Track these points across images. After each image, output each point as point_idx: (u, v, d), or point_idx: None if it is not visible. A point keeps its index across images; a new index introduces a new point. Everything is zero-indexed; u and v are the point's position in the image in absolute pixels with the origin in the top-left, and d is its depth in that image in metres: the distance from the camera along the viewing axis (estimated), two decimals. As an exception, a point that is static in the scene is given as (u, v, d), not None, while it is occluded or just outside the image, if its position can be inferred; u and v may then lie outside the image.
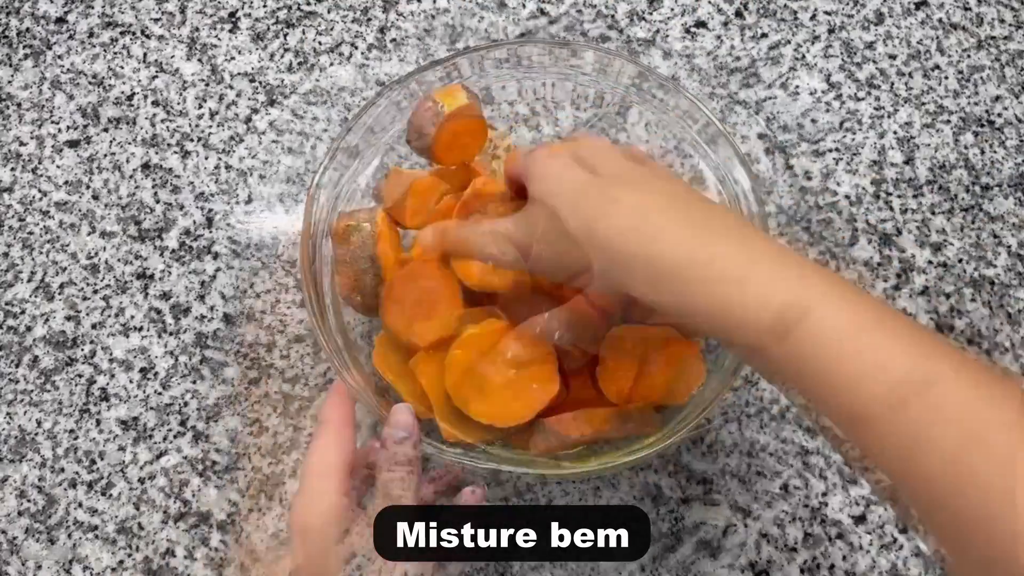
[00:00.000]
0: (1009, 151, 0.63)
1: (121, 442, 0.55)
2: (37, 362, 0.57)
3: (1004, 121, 0.64)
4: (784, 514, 0.53)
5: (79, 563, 0.53)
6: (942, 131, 0.64)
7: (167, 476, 0.54)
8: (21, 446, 0.55)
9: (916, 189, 0.62)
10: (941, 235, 0.61)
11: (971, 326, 0.58)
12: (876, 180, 0.62)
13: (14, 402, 0.56)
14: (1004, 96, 0.65)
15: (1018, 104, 0.65)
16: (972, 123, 0.64)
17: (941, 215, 0.61)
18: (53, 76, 0.65)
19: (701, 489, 0.54)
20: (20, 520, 0.54)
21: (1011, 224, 0.61)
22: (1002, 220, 0.61)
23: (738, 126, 0.63)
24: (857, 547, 0.52)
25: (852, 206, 0.61)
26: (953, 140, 0.64)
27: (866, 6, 0.68)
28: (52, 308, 0.58)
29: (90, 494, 0.54)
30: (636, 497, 0.54)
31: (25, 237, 0.60)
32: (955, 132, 0.64)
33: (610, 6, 0.68)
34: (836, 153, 0.63)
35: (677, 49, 0.66)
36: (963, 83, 0.65)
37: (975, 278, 0.59)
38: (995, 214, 0.61)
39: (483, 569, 0.52)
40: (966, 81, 0.65)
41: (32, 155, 0.63)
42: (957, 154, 0.63)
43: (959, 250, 0.60)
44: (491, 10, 0.67)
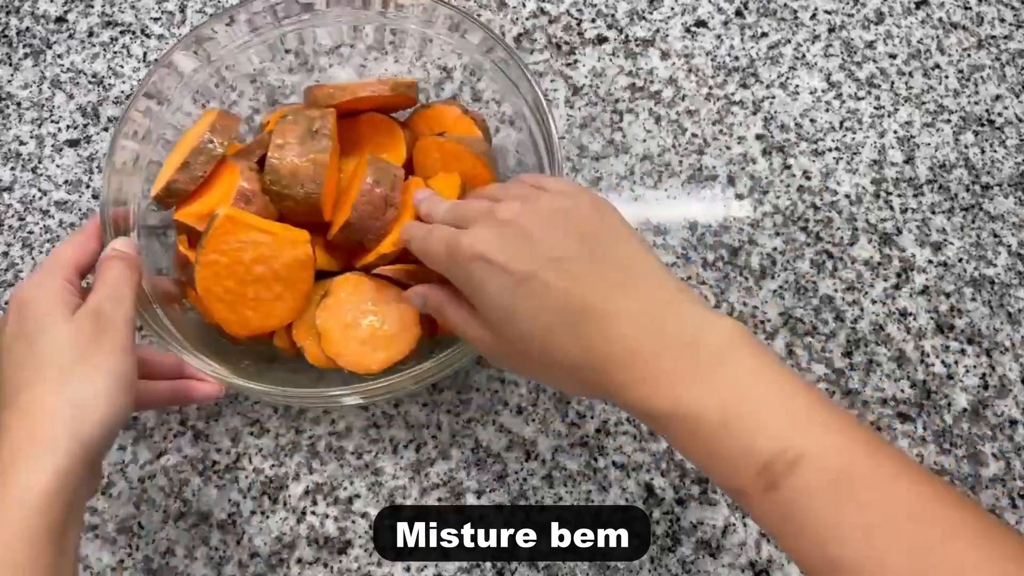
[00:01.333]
0: (1009, 150, 0.63)
1: (121, 441, 0.55)
2: (37, 362, 0.57)
3: (1004, 120, 0.64)
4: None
5: (79, 562, 0.53)
6: (942, 130, 0.64)
7: (167, 475, 0.55)
8: (21, 446, 0.55)
9: (916, 188, 0.62)
10: (941, 235, 0.61)
11: (971, 326, 0.58)
12: (876, 179, 0.62)
13: (14, 402, 0.56)
14: (1004, 95, 0.65)
15: (1018, 103, 0.65)
16: (972, 123, 0.64)
17: (941, 214, 0.61)
18: (53, 75, 0.65)
19: (697, 489, 0.54)
20: (21, 520, 0.54)
21: (1011, 223, 0.61)
22: (1002, 219, 0.61)
23: (735, 127, 0.63)
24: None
25: (852, 205, 0.61)
26: (953, 139, 0.63)
27: (866, 6, 0.68)
28: (52, 308, 0.58)
29: (90, 494, 0.54)
30: (628, 500, 0.54)
31: (25, 236, 0.60)
32: (955, 131, 0.64)
33: (610, 5, 0.68)
34: (836, 152, 0.63)
35: (677, 49, 0.66)
36: (963, 82, 0.65)
37: (975, 277, 0.59)
38: (995, 213, 0.61)
39: (479, 567, 0.52)
40: (966, 80, 0.65)
41: (32, 154, 0.63)
42: (957, 154, 0.63)
43: (959, 250, 0.60)
44: (491, 9, 0.67)
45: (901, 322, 0.58)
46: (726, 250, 0.60)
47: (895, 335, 0.58)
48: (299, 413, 0.56)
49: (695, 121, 0.64)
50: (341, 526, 0.53)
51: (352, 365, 0.50)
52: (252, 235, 0.47)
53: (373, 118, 0.55)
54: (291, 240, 0.48)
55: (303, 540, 0.53)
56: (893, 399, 0.56)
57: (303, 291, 0.50)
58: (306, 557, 0.52)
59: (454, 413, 0.56)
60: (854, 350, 0.57)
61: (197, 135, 0.50)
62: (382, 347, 0.50)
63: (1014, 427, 0.56)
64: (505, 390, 0.56)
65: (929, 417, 0.56)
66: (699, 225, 0.61)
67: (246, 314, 0.49)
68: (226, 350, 0.51)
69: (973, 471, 0.55)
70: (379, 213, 0.49)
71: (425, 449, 0.55)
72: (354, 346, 0.49)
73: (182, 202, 0.51)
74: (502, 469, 0.54)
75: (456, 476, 0.54)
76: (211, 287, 0.48)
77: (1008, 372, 0.57)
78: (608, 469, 0.54)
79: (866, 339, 0.58)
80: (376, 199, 0.49)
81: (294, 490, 0.54)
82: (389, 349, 0.50)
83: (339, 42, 0.58)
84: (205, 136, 0.49)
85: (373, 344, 0.50)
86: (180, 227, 0.51)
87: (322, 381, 0.50)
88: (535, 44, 0.66)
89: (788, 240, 0.60)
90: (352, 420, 0.56)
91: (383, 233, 0.50)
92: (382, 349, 0.50)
